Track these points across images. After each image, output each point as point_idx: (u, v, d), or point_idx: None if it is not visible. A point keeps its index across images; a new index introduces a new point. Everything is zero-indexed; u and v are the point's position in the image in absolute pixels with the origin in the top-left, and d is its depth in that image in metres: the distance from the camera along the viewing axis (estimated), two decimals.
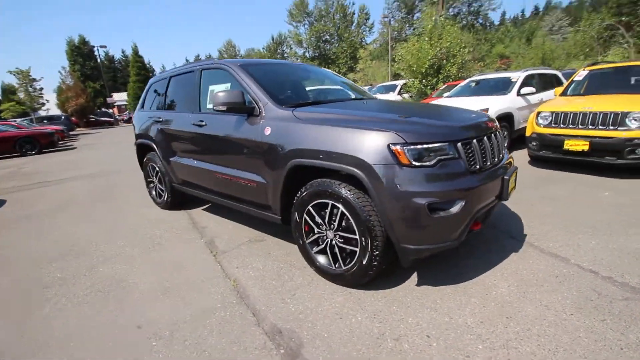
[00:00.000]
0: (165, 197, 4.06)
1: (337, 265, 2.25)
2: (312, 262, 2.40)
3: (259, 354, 1.74)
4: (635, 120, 4.10)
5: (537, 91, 6.73)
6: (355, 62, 40.18)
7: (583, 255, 2.48)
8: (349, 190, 2.04)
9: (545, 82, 7.28)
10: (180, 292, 2.35)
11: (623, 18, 17.58)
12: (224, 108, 2.56)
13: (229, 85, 2.96)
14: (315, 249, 2.37)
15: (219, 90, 2.58)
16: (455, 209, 1.88)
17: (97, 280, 2.61)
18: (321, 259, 2.33)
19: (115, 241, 3.34)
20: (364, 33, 42.22)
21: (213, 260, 2.80)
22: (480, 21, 28.98)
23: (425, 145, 1.86)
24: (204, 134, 3.06)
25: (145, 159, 4.23)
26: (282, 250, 2.89)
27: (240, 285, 2.39)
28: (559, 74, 8.03)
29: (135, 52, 32.03)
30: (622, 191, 3.76)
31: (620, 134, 4.15)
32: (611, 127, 4.24)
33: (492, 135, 2.29)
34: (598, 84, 5.43)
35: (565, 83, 5.95)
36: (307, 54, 43.45)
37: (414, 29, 34.78)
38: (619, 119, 4.19)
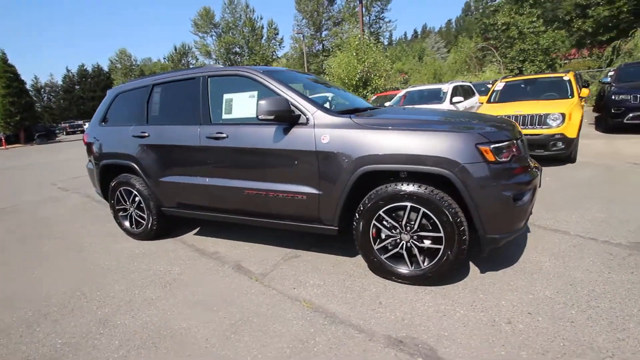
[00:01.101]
0: (150, 224, 3.42)
1: (414, 267, 2.29)
2: (385, 269, 2.37)
3: None
4: (553, 120, 5.23)
5: (463, 100, 7.95)
6: None
7: (575, 227, 3.06)
8: (431, 191, 2.11)
9: (465, 92, 8.64)
10: (255, 326, 2.04)
11: (491, 41, 22.08)
12: (272, 117, 2.36)
13: (255, 93, 2.72)
14: (384, 255, 2.36)
15: (263, 99, 2.37)
16: (526, 198, 2.13)
17: (126, 334, 2.06)
18: (400, 265, 2.33)
19: (109, 285, 2.68)
20: (274, 47, 42.88)
21: (260, 285, 2.51)
22: (382, 40, 32.78)
23: (503, 144, 2.08)
24: (225, 147, 2.73)
25: (114, 183, 3.50)
26: (326, 262, 2.77)
27: (315, 305, 2.20)
28: (471, 85, 9.64)
29: (4, 60, 25.85)
30: (557, 176, 4.74)
31: (545, 131, 5.24)
32: (538, 126, 5.31)
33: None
34: (513, 92, 6.73)
35: (488, 93, 7.18)
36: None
37: (322, 46, 36.97)
38: (542, 119, 5.28)
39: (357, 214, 2.36)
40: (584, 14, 18.79)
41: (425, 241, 2.24)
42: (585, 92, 6.15)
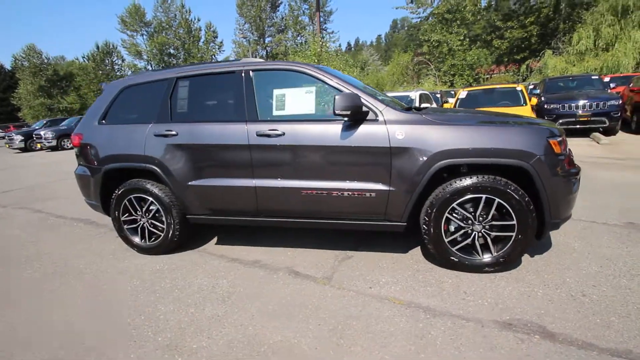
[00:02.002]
0: (170, 235, 3.01)
1: (484, 256, 2.42)
2: (455, 260, 2.46)
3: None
4: None
5: (429, 106, 8.63)
6: None
7: (577, 213, 3.51)
8: (505, 183, 2.27)
9: (427, 100, 9.39)
10: (359, 329, 1.94)
11: (426, 56, 24.35)
12: (348, 112, 2.31)
13: (313, 89, 2.62)
14: (455, 247, 2.45)
15: (339, 95, 2.30)
16: (577, 187, 2.43)
17: (215, 356, 1.79)
18: (469, 255, 2.44)
19: (151, 308, 2.29)
20: (214, 50, 41.17)
21: (334, 289, 2.40)
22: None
23: (561, 138, 2.34)
24: (281, 145, 2.57)
25: (120, 191, 3.01)
26: (383, 260, 2.77)
27: (405, 301, 2.19)
28: (429, 93, 10.51)
29: None
30: None
31: None
32: None
33: None
34: (474, 100, 7.53)
35: (453, 100, 7.91)
36: (149, 67, 38.53)
37: (266, 52, 36.66)
38: None
39: (428, 208, 2.42)
40: (502, 36, 21.87)
41: (492, 230, 2.39)
42: (534, 100, 7.18)
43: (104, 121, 3.12)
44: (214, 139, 2.72)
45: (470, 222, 2.40)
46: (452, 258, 2.46)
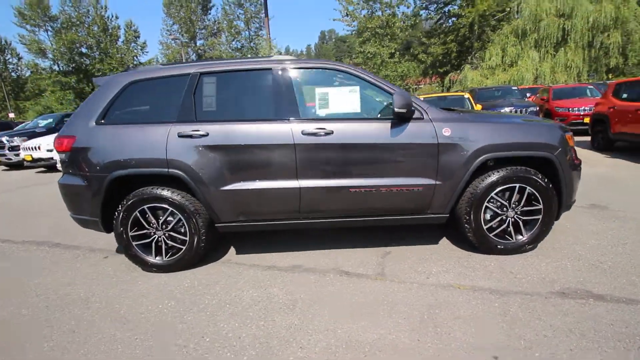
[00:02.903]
0: (194, 247, 2.69)
1: (516, 238, 2.71)
2: (493, 245, 2.69)
3: None
4: None
5: None
6: None
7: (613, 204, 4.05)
8: (535, 172, 2.58)
9: None
10: (448, 317, 2.01)
11: (362, 66, 25.84)
12: (404, 110, 2.40)
13: (356, 88, 2.63)
14: (492, 234, 2.69)
15: (398, 93, 2.39)
16: (580, 174, 2.88)
17: None
18: (502, 239, 2.70)
19: (211, 327, 2.03)
20: (135, 51, 37.53)
21: (395, 283, 2.42)
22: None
23: (571, 133, 2.75)
24: (330, 144, 2.52)
25: (130, 202, 2.60)
26: (423, 252, 2.88)
27: (468, 286, 2.32)
28: None
29: None
30: None
31: None
32: None
33: None
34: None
35: None
36: (57, 67, 33.39)
37: (198, 55, 34.70)
38: None
39: (470, 199, 2.62)
40: (426, 50, 24.41)
41: (523, 215, 2.70)
42: (479, 107, 8.19)
43: (102, 121, 2.67)
44: (253, 139, 2.55)
45: (505, 209, 2.66)
46: (492, 244, 2.70)
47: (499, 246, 2.69)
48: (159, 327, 2.08)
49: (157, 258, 2.74)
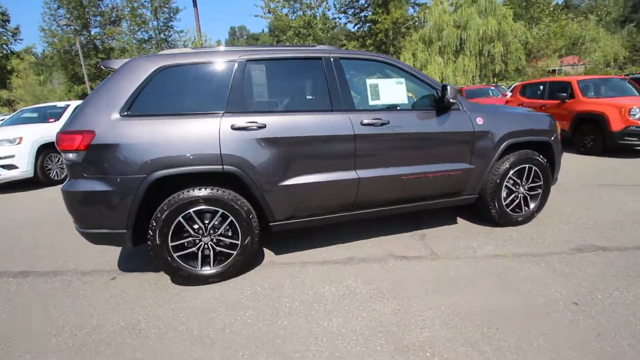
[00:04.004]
0: (247, 251, 2.45)
1: (524, 212, 3.21)
2: (510, 219, 3.14)
3: None
4: None
5: None
6: (6, 75, 28.39)
7: None
8: (539, 154, 3.11)
9: None
10: (526, 281, 2.31)
11: None
12: (455, 101, 2.62)
13: (402, 80, 2.74)
14: (509, 209, 3.14)
15: (450, 85, 2.59)
16: None
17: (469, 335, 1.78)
18: (515, 213, 3.17)
19: (329, 325, 1.92)
20: (6, 39, 30.28)
21: (454, 260, 2.65)
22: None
23: (557, 121, 3.38)
24: (387, 134, 2.59)
25: (174, 207, 2.22)
26: (454, 231, 3.19)
27: (513, 253, 2.69)
28: None
29: None
30: None
31: None
32: None
33: None
34: None
35: None
36: None
37: (94, 46, 29.70)
38: None
39: (494, 180, 3.01)
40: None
41: (529, 191, 3.22)
42: None
43: (128, 113, 2.21)
44: (314, 130, 2.45)
45: (517, 186, 3.14)
46: (510, 217, 3.15)
47: (519, 219, 3.17)
48: (258, 338, 1.88)
49: (205, 268, 2.42)
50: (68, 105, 7.22)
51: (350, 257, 2.81)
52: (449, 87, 2.62)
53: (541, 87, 7.99)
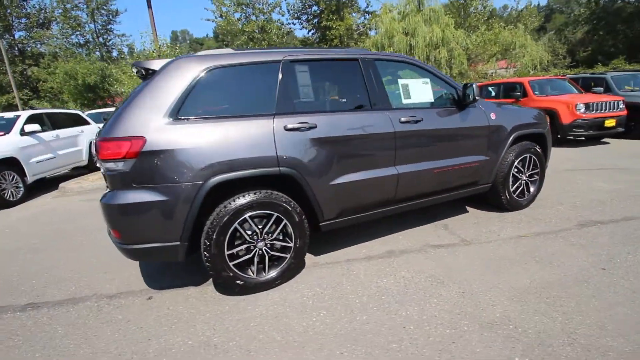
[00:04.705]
0: (301, 254, 2.42)
1: (526, 196, 3.58)
2: (516, 203, 3.47)
3: None
4: None
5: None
6: None
7: None
8: (535, 145, 3.49)
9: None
10: (557, 255, 2.59)
11: None
12: (475, 100, 2.85)
13: (427, 80, 2.91)
14: (515, 194, 3.48)
15: (473, 84, 2.80)
16: None
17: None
18: (520, 197, 3.52)
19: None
20: None
21: (487, 243, 2.87)
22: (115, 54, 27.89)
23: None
24: (421, 130, 2.74)
25: (231, 213, 2.13)
26: (468, 218, 3.44)
27: (529, 234, 2.98)
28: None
29: None
30: None
31: None
32: None
33: None
34: None
35: None
36: None
37: (19, 50, 26.22)
38: None
39: (504, 169, 3.32)
40: None
41: (523, 176, 3.59)
42: None
43: (177, 116, 2.07)
44: (359, 129, 2.51)
45: (521, 174, 3.50)
46: (518, 202, 3.49)
47: (524, 203, 3.52)
48: (346, 335, 1.88)
49: (260, 274, 2.34)
50: (18, 117, 6.36)
51: (389, 250, 2.90)
52: (474, 86, 2.86)
53: (496, 88, 8.88)
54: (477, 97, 2.89)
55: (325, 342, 1.85)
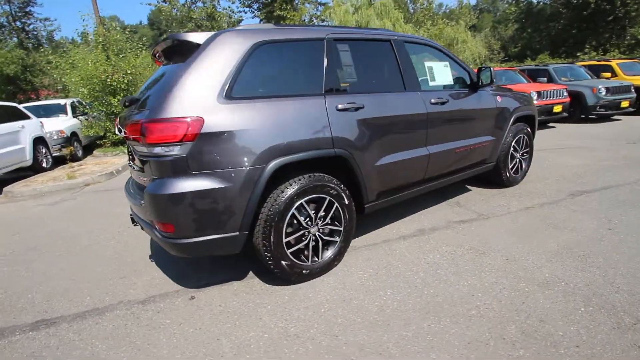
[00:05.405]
0: (349, 235, 2.39)
1: (519, 174, 3.93)
2: (513, 180, 3.80)
3: None
4: None
5: None
6: None
7: None
8: (525, 125, 3.84)
9: None
10: (568, 222, 2.88)
11: None
12: (494, 82, 3.04)
13: (447, 63, 3.02)
14: (512, 171, 3.80)
15: (489, 67, 2.97)
16: None
17: None
18: (515, 174, 3.86)
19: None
20: None
21: (502, 216, 3.12)
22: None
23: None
24: (448, 111, 2.86)
25: (292, 197, 2.02)
26: (474, 196, 3.69)
27: (539, 205, 3.29)
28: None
29: None
30: None
31: None
32: None
33: None
34: None
35: None
36: None
37: None
38: None
39: (506, 148, 3.60)
40: None
41: (517, 154, 3.94)
42: None
43: (231, 94, 1.89)
44: (399, 109, 2.54)
45: (516, 153, 3.82)
46: (516, 178, 3.83)
47: (519, 179, 3.87)
48: (423, 308, 1.92)
49: (314, 259, 2.27)
50: None
51: (419, 229, 3.00)
52: (492, 69, 3.04)
53: None
54: (494, 80, 3.09)
55: (408, 318, 1.87)
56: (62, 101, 9.76)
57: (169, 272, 2.61)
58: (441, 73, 3.04)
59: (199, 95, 1.82)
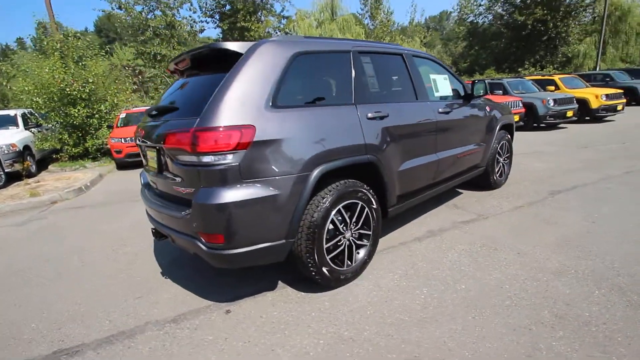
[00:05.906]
0: (377, 238, 2.47)
1: (504, 175, 4.30)
2: (499, 182, 4.15)
3: None
4: None
5: None
6: None
7: None
8: (507, 132, 4.23)
9: None
10: (560, 213, 3.21)
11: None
12: (488, 93, 3.34)
13: (447, 76, 3.26)
14: (497, 175, 4.15)
15: (484, 80, 3.24)
16: None
17: None
18: (500, 176, 4.22)
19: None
20: None
21: (500, 215, 3.38)
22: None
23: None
24: (452, 119, 3.09)
25: (328, 204, 2.05)
26: (468, 198, 3.97)
27: (529, 204, 3.63)
28: None
29: None
30: None
31: None
32: None
33: None
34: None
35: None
36: None
37: None
38: None
39: (495, 152, 3.94)
40: None
41: (501, 159, 4.33)
42: None
43: (276, 102, 1.91)
44: (415, 117, 2.71)
45: (500, 157, 4.19)
46: (501, 181, 4.20)
47: (503, 181, 4.24)
48: (464, 302, 2.04)
49: (348, 264, 2.31)
50: None
51: (429, 230, 3.16)
52: (486, 81, 3.34)
53: None
54: (488, 92, 3.39)
55: (452, 312, 1.98)
56: (12, 112, 8.81)
57: (190, 288, 2.49)
58: (442, 85, 3.29)
59: (249, 104, 1.82)
